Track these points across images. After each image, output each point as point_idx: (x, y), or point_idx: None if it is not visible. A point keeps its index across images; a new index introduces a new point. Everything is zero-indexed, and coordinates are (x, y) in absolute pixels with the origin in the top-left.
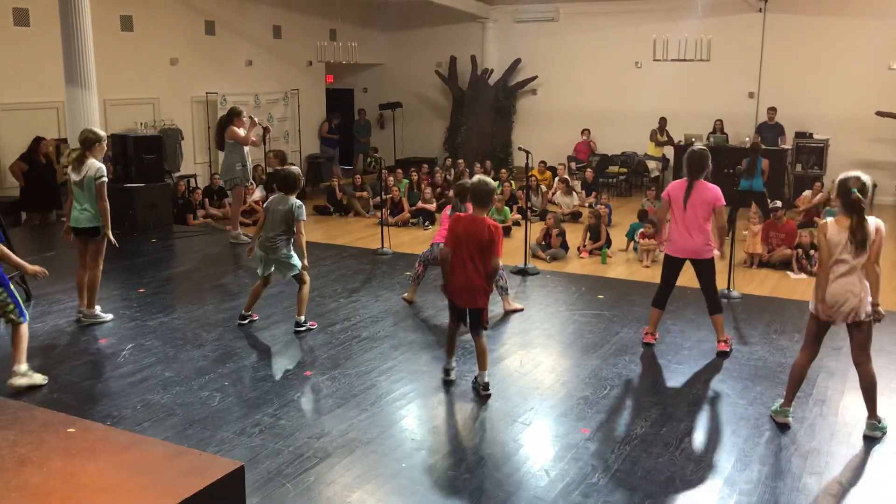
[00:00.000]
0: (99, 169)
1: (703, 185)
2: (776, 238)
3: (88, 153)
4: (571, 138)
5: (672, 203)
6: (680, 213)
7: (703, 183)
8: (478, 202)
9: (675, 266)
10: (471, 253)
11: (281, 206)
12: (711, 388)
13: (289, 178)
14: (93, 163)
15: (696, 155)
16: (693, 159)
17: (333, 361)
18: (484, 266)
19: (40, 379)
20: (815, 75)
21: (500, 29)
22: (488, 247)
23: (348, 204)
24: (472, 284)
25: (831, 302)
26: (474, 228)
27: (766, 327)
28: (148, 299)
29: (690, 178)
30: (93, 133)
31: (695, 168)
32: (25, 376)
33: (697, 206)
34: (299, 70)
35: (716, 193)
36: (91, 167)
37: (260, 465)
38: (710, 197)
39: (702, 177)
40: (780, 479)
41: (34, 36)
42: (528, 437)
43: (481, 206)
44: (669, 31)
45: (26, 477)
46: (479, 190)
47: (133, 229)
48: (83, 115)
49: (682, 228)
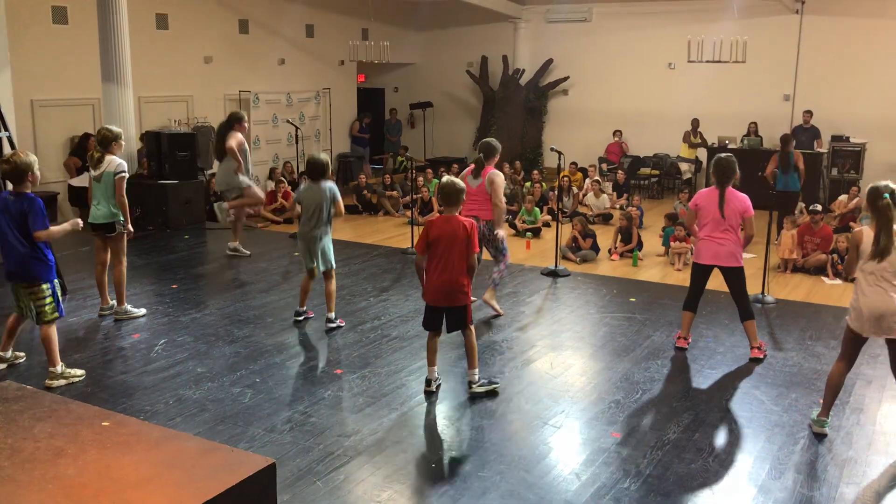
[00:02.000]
0: (119, 164)
1: (732, 194)
2: (811, 243)
3: (107, 151)
4: (603, 139)
5: (699, 212)
6: (708, 221)
7: (731, 191)
8: (447, 202)
9: (702, 273)
10: (447, 253)
11: (312, 193)
12: (745, 394)
13: (317, 164)
14: (112, 159)
15: (723, 163)
16: (720, 167)
17: (363, 360)
18: (461, 264)
19: (78, 375)
20: (852, 78)
21: (531, 29)
22: (465, 245)
23: (378, 203)
24: (450, 285)
25: (867, 314)
26: (449, 228)
27: (801, 333)
28: (180, 295)
29: (720, 186)
30: (109, 131)
31: (723, 176)
32: (62, 377)
33: (727, 215)
34: (331, 69)
35: (745, 203)
36: (111, 163)
37: (290, 463)
38: (739, 207)
39: (730, 184)
40: (816, 489)
41: (72, 34)
42: (558, 440)
43: (451, 205)
44: (704, 32)
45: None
46: (447, 190)
47: (166, 226)
48: (119, 111)
49: (710, 237)
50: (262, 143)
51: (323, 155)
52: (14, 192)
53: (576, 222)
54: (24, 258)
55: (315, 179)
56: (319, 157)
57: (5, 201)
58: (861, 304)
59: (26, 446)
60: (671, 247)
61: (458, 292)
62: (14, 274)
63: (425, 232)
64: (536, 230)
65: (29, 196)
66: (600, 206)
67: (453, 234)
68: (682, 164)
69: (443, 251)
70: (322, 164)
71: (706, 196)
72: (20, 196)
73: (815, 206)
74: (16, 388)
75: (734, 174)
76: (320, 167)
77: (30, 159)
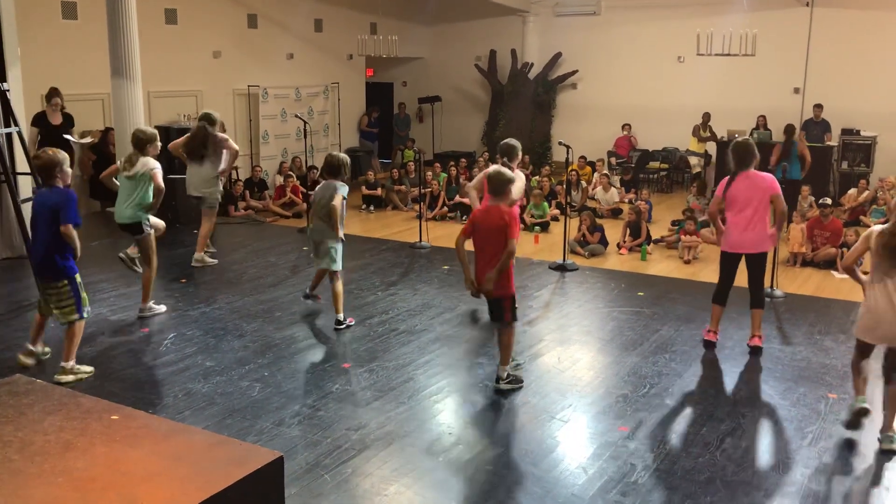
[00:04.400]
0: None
1: (755, 176)
2: (821, 236)
3: (142, 153)
4: (612, 133)
5: (727, 199)
6: (736, 207)
7: (754, 173)
8: (493, 191)
9: (732, 262)
10: (489, 243)
11: (325, 192)
12: (753, 389)
13: (333, 162)
14: (147, 160)
15: (741, 146)
16: (739, 151)
17: (371, 354)
18: (498, 255)
19: (87, 371)
20: (863, 71)
21: (540, 23)
22: (504, 233)
23: (387, 198)
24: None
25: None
26: (490, 218)
27: (809, 328)
28: (190, 289)
29: (738, 170)
30: (143, 133)
31: (743, 159)
32: (71, 373)
33: (753, 198)
34: (340, 63)
35: (770, 182)
36: (146, 165)
37: (298, 456)
38: (765, 186)
39: (750, 167)
40: (824, 483)
41: (81, 29)
42: (565, 434)
43: (497, 195)
44: (713, 25)
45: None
46: (494, 179)
47: (176, 220)
48: (128, 106)
49: (740, 222)
50: (270, 137)
51: (342, 154)
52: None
53: (584, 217)
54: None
55: (331, 177)
56: (336, 156)
57: (42, 196)
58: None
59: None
60: (682, 240)
61: (495, 283)
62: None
63: (471, 220)
64: (545, 224)
65: (61, 189)
66: (609, 200)
67: (492, 224)
68: (691, 158)
69: (483, 241)
70: (336, 163)
71: (731, 183)
72: (53, 190)
73: (825, 200)
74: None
75: (754, 157)
76: (334, 165)
77: (59, 156)
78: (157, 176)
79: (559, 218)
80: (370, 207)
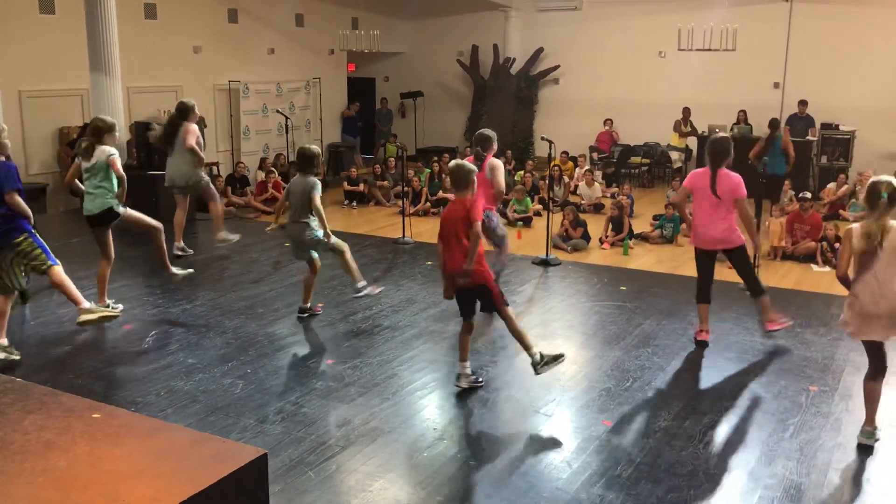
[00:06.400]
0: (111, 151)
1: (725, 175)
2: (801, 230)
3: (99, 142)
4: (594, 128)
5: (694, 193)
6: (703, 202)
7: (725, 172)
8: (455, 184)
9: (706, 259)
10: (455, 234)
11: (300, 186)
12: (735, 382)
13: (306, 154)
14: (104, 148)
15: (718, 143)
16: (715, 148)
17: (355, 350)
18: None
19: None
20: (842, 65)
21: (522, 18)
22: (464, 222)
23: (369, 193)
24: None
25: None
26: (453, 211)
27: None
28: (171, 286)
29: (713, 167)
30: (102, 122)
31: (717, 157)
32: (93, 312)
33: (721, 196)
34: (321, 59)
35: (736, 183)
36: (103, 152)
37: (282, 453)
38: (732, 186)
39: (723, 165)
40: (806, 475)
41: (59, 24)
42: (549, 428)
43: (459, 188)
44: (694, 20)
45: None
46: (455, 172)
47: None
48: (107, 102)
49: (705, 218)
50: (252, 133)
51: (313, 147)
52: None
53: (567, 212)
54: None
55: (303, 172)
56: (308, 148)
57: None
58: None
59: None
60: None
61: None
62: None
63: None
64: (527, 219)
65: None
66: (592, 195)
67: (456, 216)
68: (672, 153)
69: (450, 236)
70: (309, 156)
71: (700, 177)
72: None
73: (805, 194)
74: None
75: (728, 156)
76: (307, 158)
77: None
78: (116, 161)
79: (542, 213)
80: (352, 203)
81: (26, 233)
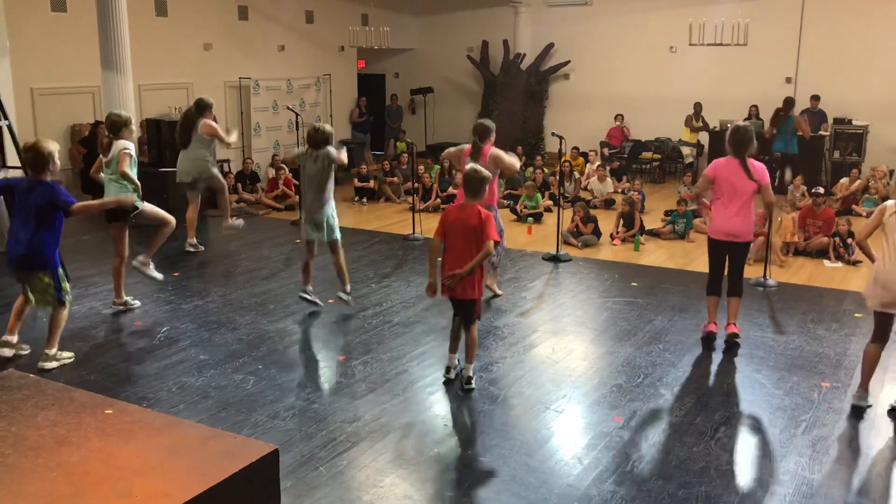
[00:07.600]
0: (125, 145)
1: (751, 163)
2: (813, 226)
3: (116, 136)
4: (604, 124)
5: (717, 182)
6: (725, 192)
7: (749, 161)
8: (469, 189)
9: (719, 249)
10: (462, 242)
11: (313, 163)
12: (747, 378)
13: (319, 137)
14: (119, 143)
15: (740, 131)
16: (738, 136)
17: (366, 346)
18: (473, 255)
19: (67, 357)
20: (855, 60)
21: (532, 13)
22: (479, 233)
23: (379, 190)
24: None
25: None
26: (464, 217)
27: (802, 316)
28: (182, 283)
29: (737, 156)
30: (118, 116)
31: (740, 146)
32: (54, 359)
33: (745, 188)
34: (331, 55)
35: (762, 170)
36: (118, 146)
37: (293, 449)
38: (756, 177)
39: (747, 154)
40: (818, 471)
41: (71, 21)
42: (560, 424)
43: (472, 194)
44: (705, 14)
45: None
46: (470, 177)
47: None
48: (118, 99)
49: (726, 209)
50: (262, 129)
51: (327, 126)
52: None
53: (577, 207)
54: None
55: (317, 147)
56: (323, 127)
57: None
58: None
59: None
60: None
61: (465, 285)
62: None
63: (442, 219)
64: (538, 215)
65: (48, 183)
66: (603, 191)
67: (467, 223)
68: (683, 148)
69: (455, 241)
70: (323, 136)
71: (724, 166)
72: (40, 184)
73: (818, 189)
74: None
75: (752, 144)
76: (321, 136)
77: (50, 147)
78: (124, 159)
79: (552, 209)
80: (363, 200)
81: (50, 272)
